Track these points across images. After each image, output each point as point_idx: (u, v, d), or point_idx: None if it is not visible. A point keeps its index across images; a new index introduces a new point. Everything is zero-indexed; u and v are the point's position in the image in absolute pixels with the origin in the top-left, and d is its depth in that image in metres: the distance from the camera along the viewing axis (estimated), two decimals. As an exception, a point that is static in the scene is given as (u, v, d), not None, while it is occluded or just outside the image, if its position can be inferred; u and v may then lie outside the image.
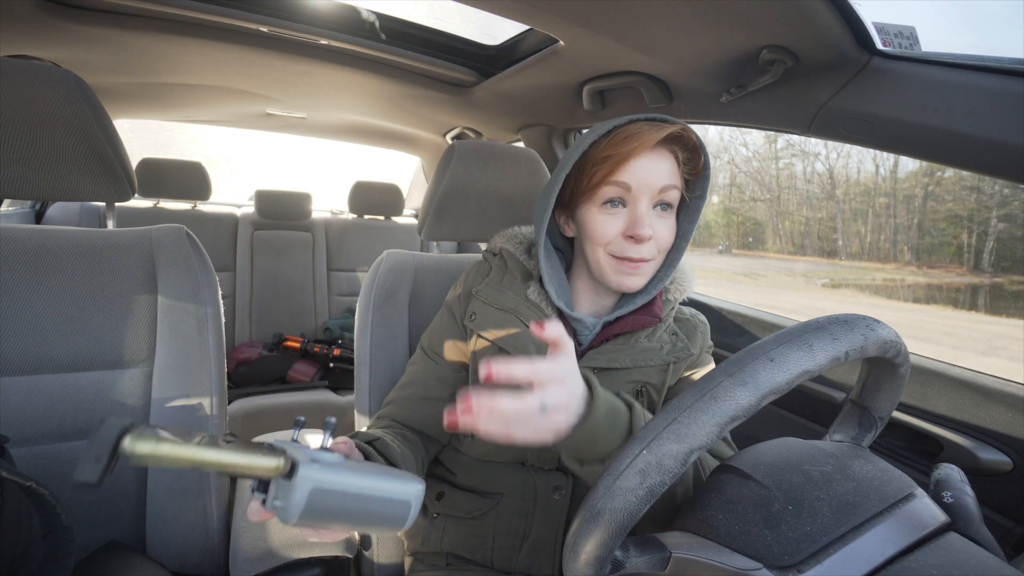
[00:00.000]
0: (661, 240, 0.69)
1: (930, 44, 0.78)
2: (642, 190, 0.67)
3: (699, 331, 0.78)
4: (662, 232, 0.69)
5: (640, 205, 0.67)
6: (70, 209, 2.04)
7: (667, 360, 0.73)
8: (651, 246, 0.68)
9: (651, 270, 0.71)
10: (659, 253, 0.70)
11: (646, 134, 0.65)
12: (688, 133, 0.67)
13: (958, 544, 0.40)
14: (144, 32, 1.18)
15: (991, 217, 2.65)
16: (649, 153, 0.67)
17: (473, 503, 0.76)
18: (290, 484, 0.38)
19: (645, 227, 0.66)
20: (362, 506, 0.41)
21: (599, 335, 0.74)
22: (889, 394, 0.51)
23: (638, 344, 0.73)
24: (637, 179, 0.66)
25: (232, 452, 0.35)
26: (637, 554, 0.42)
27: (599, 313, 0.76)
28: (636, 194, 0.67)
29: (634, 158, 0.66)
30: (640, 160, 0.66)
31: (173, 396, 0.81)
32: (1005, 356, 2.36)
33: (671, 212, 0.70)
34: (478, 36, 1.37)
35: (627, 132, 0.66)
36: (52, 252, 0.80)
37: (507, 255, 0.80)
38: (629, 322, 0.72)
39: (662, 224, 0.69)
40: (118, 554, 0.74)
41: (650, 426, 0.40)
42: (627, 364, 0.71)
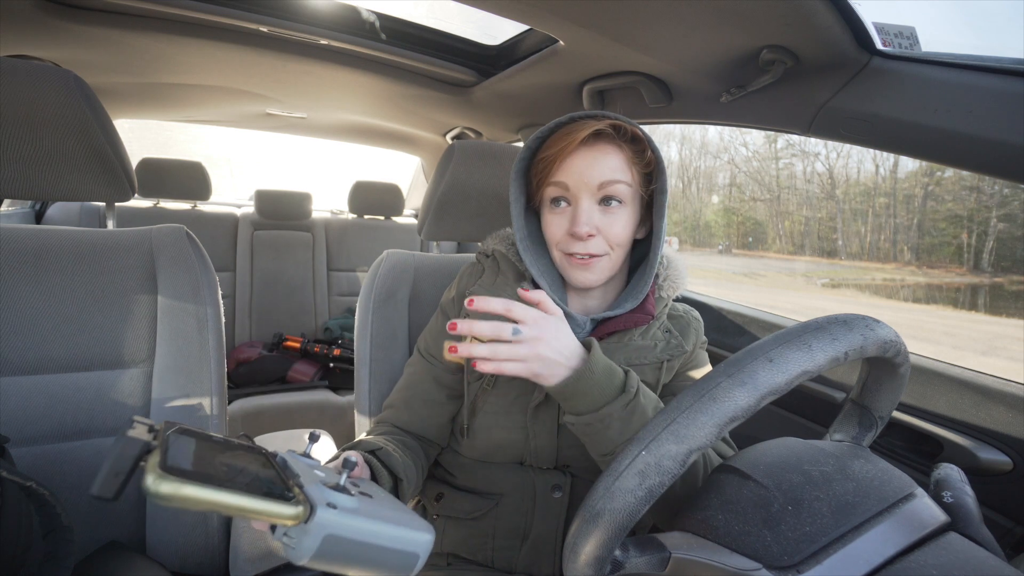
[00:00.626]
0: (611, 236, 0.68)
1: (930, 44, 0.78)
2: (580, 188, 0.67)
3: (692, 327, 0.78)
4: (609, 228, 0.68)
5: (581, 203, 0.68)
6: (70, 209, 2.04)
7: (661, 358, 0.73)
8: (598, 242, 0.68)
9: (607, 265, 0.70)
10: (613, 248, 0.69)
11: (575, 132, 0.66)
12: (625, 126, 0.67)
13: (958, 544, 0.40)
14: (144, 32, 1.18)
15: (991, 217, 2.65)
16: (585, 150, 0.67)
17: (473, 504, 0.76)
18: (304, 528, 0.38)
19: (582, 224, 0.66)
20: (371, 554, 0.41)
21: (592, 334, 0.74)
22: (889, 394, 0.51)
23: (632, 342, 0.73)
24: (574, 177, 0.67)
25: (253, 498, 0.35)
26: (637, 554, 0.42)
27: (588, 311, 0.77)
28: (575, 192, 0.68)
29: (567, 157, 0.67)
30: (574, 158, 0.67)
31: (173, 396, 0.81)
32: (1005, 356, 2.36)
33: (620, 207, 0.69)
34: (478, 36, 1.37)
35: (561, 132, 0.68)
36: (52, 252, 0.80)
37: (499, 256, 0.80)
38: (622, 320, 0.72)
39: (608, 219, 0.68)
40: (118, 554, 0.74)
41: (649, 427, 0.40)
42: (620, 363, 0.71)
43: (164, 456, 0.33)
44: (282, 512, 0.36)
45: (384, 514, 0.43)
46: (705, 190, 5.48)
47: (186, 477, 0.32)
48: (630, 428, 0.61)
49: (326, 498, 0.39)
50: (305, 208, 2.38)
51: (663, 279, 0.77)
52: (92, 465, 0.78)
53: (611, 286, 0.76)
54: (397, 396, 0.80)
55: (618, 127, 0.67)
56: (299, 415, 1.91)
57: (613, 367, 0.61)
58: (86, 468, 0.78)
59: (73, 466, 0.77)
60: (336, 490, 0.41)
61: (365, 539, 0.40)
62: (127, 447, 0.33)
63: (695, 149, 5.56)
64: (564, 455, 0.74)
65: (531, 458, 0.75)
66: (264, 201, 2.32)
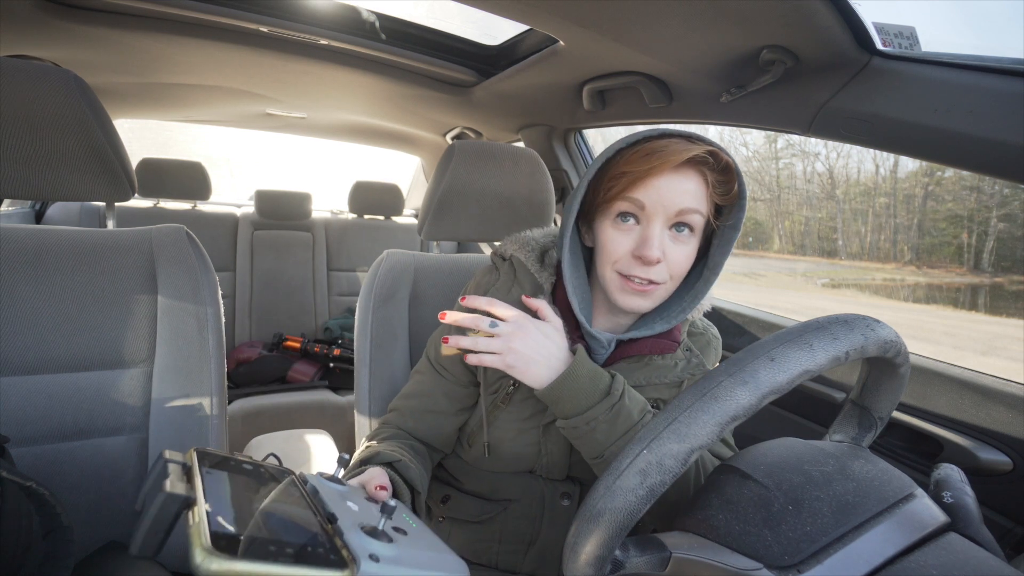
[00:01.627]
0: (673, 265, 0.64)
1: (930, 44, 0.78)
2: (656, 210, 0.62)
3: (712, 346, 0.77)
4: (675, 256, 0.64)
5: (653, 225, 0.62)
6: (70, 209, 2.03)
7: (681, 377, 0.72)
8: (660, 270, 0.63)
9: (662, 294, 0.66)
10: (671, 279, 0.65)
11: (669, 153, 0.60)
12: (720, 155, 0.62)
13: (958, 544, 0.40)
14: (144, 32, 1.18)
15: (991, 217, 2.65)
16: (672, 173, 0.62)
17: (480, 508, 0.75)
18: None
19: (654, 249, 0.61)
20: None
21: (615, 352, 0.71)
22: (889, 394, 0.51)
23: (652, 363, 0.71)
24: (652, 199, 0.62)
25: (303, 568, 0.34)
26: (637, 554, 0.42)
27: (615, 329, 0.73)
28: (650, 213, 0.62)
29: (652, 177, 0.62)
30: (659, 179, 0.61)
31: (173, 396, 0.81)
32: (1005, 356, 2.36)
33: (690, 237, 0.64)
34: (478, 36, 1.37)
35: (651, 148, 0.62)
36: (52, 252, 0.80)
37: (517, 264, 0.76)
38: (648, 345, 0.69)
39: (676, 249, 0.64)
40: (118, 554, 0.73)
41: (651, 426, 0.40)
42: (641, 382, 0.70)
43: (208, 524, 0.32)
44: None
45: (423, 558, 0.43)
46: (705, 190, 5.42)
47: (234, 552, 0.32)
48: (616, 431, 0.60)
49: (368, 549, 0.39)
50: (305, 208, 2.38)
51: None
52: (92, 465, 0.78)
53: None
54: (403, 402, 0.78)
55: (714, 155, 0.62)
56: (299, 415, 1.91)
57: (598, 371, 0.63)
58: (86, 468, 0.78)
59: (73, 466, 0.77)
60: (374, 535, 0.41)
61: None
62: (168, 504, 0.32)
63: (695, 149, 5.52)
64: (576, 469, 0.74)
65: (542, 471, 0.74)
66: (264, 201, 2.32)
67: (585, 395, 0.62)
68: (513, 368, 0.63)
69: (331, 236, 2.43)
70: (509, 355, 0.63)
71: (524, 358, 0.63)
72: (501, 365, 0.63)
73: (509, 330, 0.63)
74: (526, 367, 0.63)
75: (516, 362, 0.63)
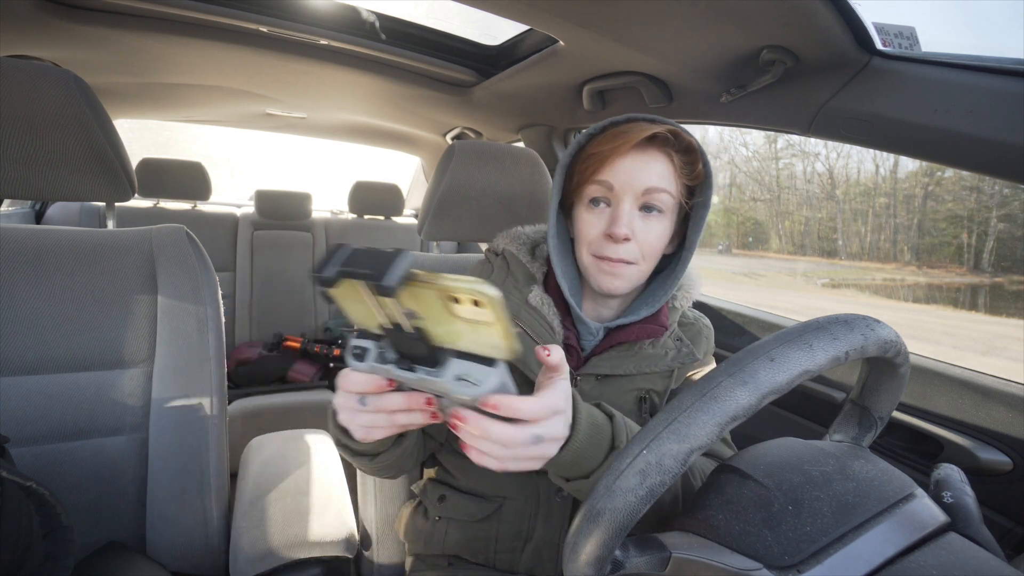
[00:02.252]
0: (645, 244, 0.66)
1: (930, 44, 0.78)
2: (624, 190, 0.65)
3: (704, 336, 0.77)
4: (645, 236, 0.66)
5: (622, 205, 0.65)
6: (70, 209, 2.04)
7: (672, 366, 0.72)
8: (631, 248, 0.66)
9: (635, 275, 0.68)
10: (644, 258, 0.67)
11: (631, 133, 0.64)
12: (682, 135, 0.65)
13: (958, 544, 0.40)
14: (144, 32, 1.18)
15: (991, 217, 2.65)
16: (636, 153, 0.65)
17: (476, 506, 0.76)
18: (489, 370, 0.40)
19: (621, 226, 0.64)
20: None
21: (604, 341, 0.73)
22: (889, 394, 0.51)
23: (642, 351, 0.72)
24: (620, 179, 0.65)
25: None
26: (637, 554, 0.42)
27: (601, 319, 0.75)
28: (619, 193, 0.66)
29: (617, 157, 0.65)
30: (624, 159, 0.65)
31: (173, 396, 0.81)
32: (1005, 356, 2.36)
33: (660, 217, 0.67)
34: (478, 36, 1.37)
35: (616, 131, 0.65)
36: (52, 252, 0.80)
37: (509, 257, 0.78)
38: (635, 331, 0.70)
39: (646, 228, 0.66)
40: (118, 554, 0.74)
41: (650, 426, 0.40)
42: (631, 371, 0.70)
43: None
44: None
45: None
46: (705, 190, 5.44)
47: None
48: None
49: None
50: (305, 208, 2.38)
51: (677, 288, 0.75)
52: (92, 465, 0.78)
53: (629, 295, 0.75)
54: None
55: (675, 134, 0.65)
56: (299, 415, 1.91)
57: (596, 424, 0.52)
58: (86, 468, 0.78)
59: (73, 466, 0.77)
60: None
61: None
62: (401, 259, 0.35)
63: (695, 149, 5.53)
64: None
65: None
66: (264, 201, 2.32)
67: (588, 456, 0.51)
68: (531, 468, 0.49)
69: (331, 236, 2.43)
70: (543, 462, 0.48)
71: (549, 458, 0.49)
72: (533, 467, 0.48)
73: (554, 433, 0.46)
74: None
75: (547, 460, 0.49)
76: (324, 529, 0.81)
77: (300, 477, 0.93)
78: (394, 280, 0.34)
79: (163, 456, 0.80)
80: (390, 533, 0.90)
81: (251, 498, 0.87)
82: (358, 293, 0.38)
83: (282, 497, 0.87)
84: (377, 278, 0.34)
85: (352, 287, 0.38)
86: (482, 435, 0.43)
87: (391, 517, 0.90)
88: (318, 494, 0.89)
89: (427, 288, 0.36)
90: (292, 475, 0.94)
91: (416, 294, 0.37)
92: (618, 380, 0.71)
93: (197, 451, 0.82)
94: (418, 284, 0.36)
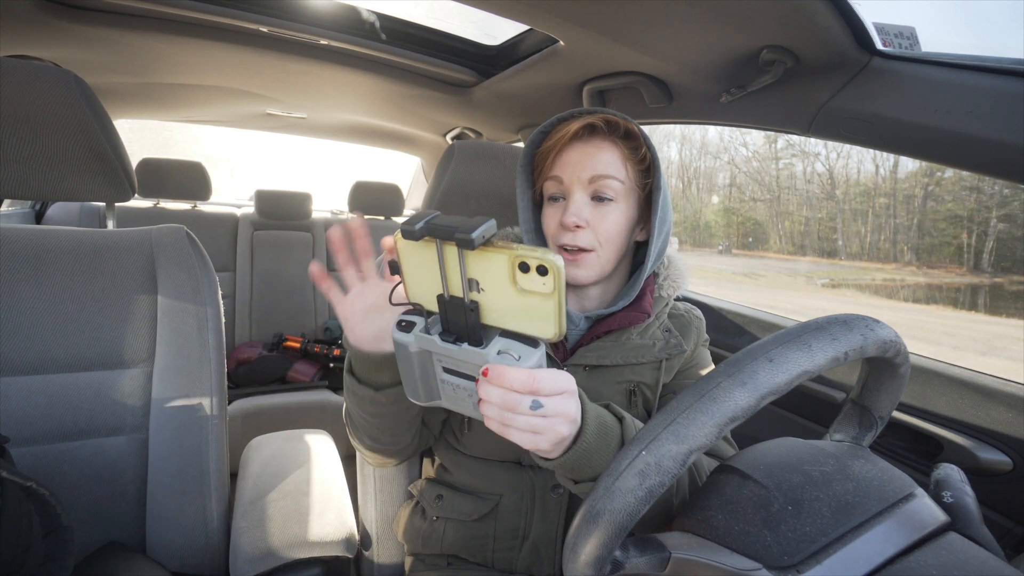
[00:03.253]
0: (600, 232, 0.69)
1: (930, 44, 0.78)
2: (572, 181, 0.69)
3: (693, 326, 0.78)
4: (599, 223, 0.69)
5: (572, 196, 0.69)
6: (70, 209, 2.03)
7: (660, 357, 0.73)
8: (587, 236, 0.68)
9: (596, 261, 0.70)
10: (601, 245, 0.69)
11: (568, 126, 0.68)
12: (620, 122, 0.68)
13: (958, 544, 0.40)
14: (144, 32, 1.18)
15: (991, 217, 2.65)
16: (580, 145, 0.69)
17: (473, 506, 0.76)
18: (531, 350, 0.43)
19: (570, 215, 0.68)
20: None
21: (589, 332, 0.74)
22: (889, 394, 0.51)
23: (629, 341, 0.73)
24: (568, 172, 0.69)
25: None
26: (637, 554, 0.42)
27: (585, 310, 0.77)
28: (568, 186, 0.69)
29: (561, 151, 0.69)
30: (568, 152, 0.69)
31: (173, 396, 0.81)
32: (1005, 356, 2.36)
33: (613, 204, 0.69)
34: (478, 36, 1.37)
35: (560, 126, 0.70)
36: (52, 252, 0.80)
37: None
38: (618, 319, 0.72)
39: (600, 215, 0.69)
40: (118, 554, 0.74)
41: (649, 427, 0.40)
42: (618, 361, 0.71)
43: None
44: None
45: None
46: (705, 190, 5.48)
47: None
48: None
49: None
50: (305, 208, 2.38)
51: (663, 278, 0.77)
52: (92, 465, 0.78)
53: (610, 286, 0.77)
54: None
55: (611, 122, 0.68)
56: (299, 415, 1.91)
57: (605, 424, 0.52)
58: (86, 468, 0.78)
59: (73, 466, 0.77)
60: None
61: None
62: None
63: (695, 149, 5.56)
64: None
65: (528, 459, 0.75)
66: (264, 201, 2.32)
67: (596, 457, 0.50)
68: (542, 451, 0.48)
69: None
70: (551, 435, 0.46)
71: (562, 442, 0.48)
72: (532, 447, 0.46)
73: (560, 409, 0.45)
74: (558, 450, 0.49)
75: (550, 446, 0.47)
76: (324, 529, 0.81)
77: (300, 477, 0.93)
78: (478, 235, 0.37)
79: (163, 456, 0.80)
80: (390, 533, 0.90)
81: (251, 498, 0.87)
82: (431, 257, 0.41)
83: (282, 497, 0.87)
84: (466, 232, 0.37)
85: (427, 251, 0.41)
86: (483, 394, 0.44)
87: (391, 517, 0.90)
88: (318, 494, 0.89)
89: (501, 252, 0.39)
90: (292, 475, 0.94)
91: (487, 259, 0.39)
92: (606, 371, 0.72)
93: (197, 451, 0.82)
94: (494, 249, 0.39)
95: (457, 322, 0.44)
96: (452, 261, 0.41)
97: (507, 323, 0.43)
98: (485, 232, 0.38)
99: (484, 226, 0.38)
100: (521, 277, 0.39)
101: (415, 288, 0.45)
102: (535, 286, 0.39)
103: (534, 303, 0.40)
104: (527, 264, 0.38)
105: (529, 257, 0.38)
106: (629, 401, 0.73)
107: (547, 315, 0.40)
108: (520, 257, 0.38)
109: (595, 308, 0.77)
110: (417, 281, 0.45)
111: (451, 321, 0.44)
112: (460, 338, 0.44)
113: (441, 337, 0.45)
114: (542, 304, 0.40)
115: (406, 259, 0.44)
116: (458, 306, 0.42)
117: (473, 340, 0.44)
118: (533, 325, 0.42)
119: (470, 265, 0.40)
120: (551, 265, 0.37)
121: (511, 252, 0.38)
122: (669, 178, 0.73)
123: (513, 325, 0.43)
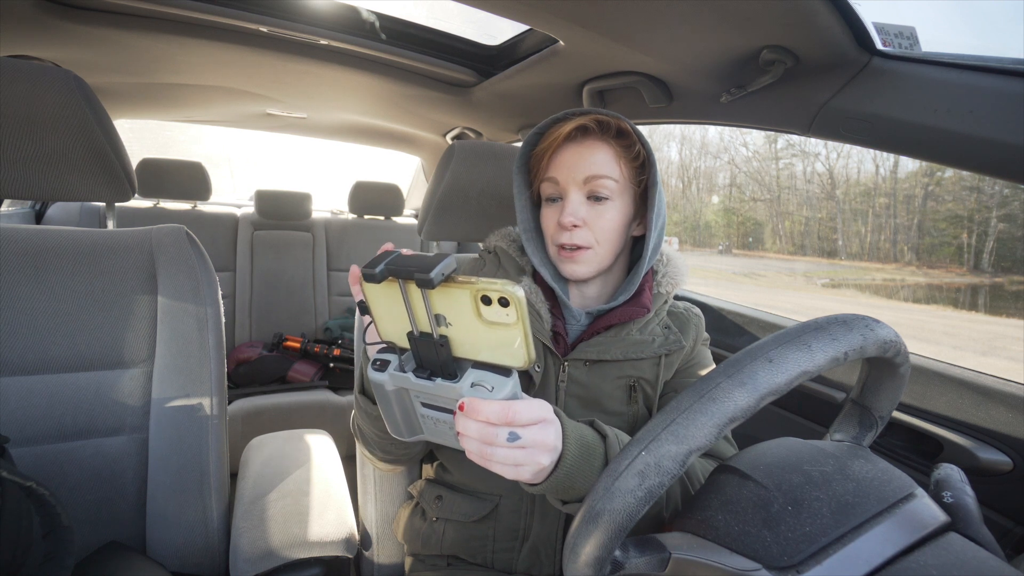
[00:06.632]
0: (597, 230, 0.70)
1: (930, 44, 0.78)
2: (568, 182, 0.70)
3: (692, 323, 0.79)
4: (596, 222, 0.70)
5: (569, 196, 0.70)
6: (70, 209, 2.04)
7: (659, 352, 0.74)
8: (584, 234, 0.70)
9: (594, 258, 0.71)
10: (599, 242, 0.71)
11: (561, 128, 0.69)
12: (611, 121, 0.68)
13: (958, 544, 0.40)
14: (144, 32, 1.18)
15: (991, 217, 2.65)
16: (573, 146, 0.70)
17: (473, 506, 0.76)
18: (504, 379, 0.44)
19: (567, 214, 0.69)
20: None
21: (590, 328, 0.75)
22: (889, 394, 0.51)
23: (629, 337, 0.73)
24: (563, 173, 0.70)
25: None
26: (637, 555, 0.42)
27: (586, 306, 0.78)
28: (564, 186, 0.71)
29: (555, 152, 0.71)
30: (562, 153, 0.70)
31: (173, 396, 0.81)
32: (1005, 356, 2.36)
33: (609, 203, 0.70)
34: (478, 36, 1.37)
35: (553, 128, 0.71)
36: (52, 252, 0.80)
37: (501, 252, 0.82)
38: (618, 314, 0.73)
39: (596, 213, 0.70)
40: (118, 554, 0.74)
41: (649, 427, 0.40)
42: (618, 356, 0.72)
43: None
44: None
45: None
46: (705, 190, 5.48)
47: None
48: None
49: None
50: (305, 208, 2.38)
51: (661, 275, 0.78)
52: (92, 465, 0.78)
53: (609, 281, 0.77)
54: None
55: (602, 122, 0.68)
56: (299, 415, 1.91)
57: (587, 444, 0.52)
58: (86, 468, 0.78)
59: (73, 466, 0.77)
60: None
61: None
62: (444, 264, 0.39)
63: (695, 149, 5.56)
64: None
65: None
66: (264, 201, 2.32)
67: (580, 478, 0.51)
68: (526, 480, 0.50)
69: (331, 236, 2.43)
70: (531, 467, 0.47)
71: (543, 471, 0.49)
72: (513, 476, 0.47)
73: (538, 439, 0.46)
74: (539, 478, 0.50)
75: (533, 477, 0.49)
76: (324, 529, 0.81)
77: (300, 477, 0.93)
78: (437, 274, 0.38)
79: (163, 456, 0.80)
80: (390, 533, 0.90)
81: (251, 498, 0.87)
82: (396, 297, 0.42)
83: (282, 497, 0.87)
84: (424, 271, 0.38)
85: (391, 291, 0.42)
86: (461, 428, 0.45)
87: (391, 517, 0.90)
88: (318, 494, 0.89)
89: (462, 288, 0.39)
90: (292, 475, 0.94)
91: (450, 295, 0.40)
92: (607, 366, 0.73)
93: (197, 451, 0.82)
94: (455, 284, 0.39)
95: (429, 357, 0.44)
96: (417, 298, 0.41)
97: (478, 355, 0.44)
98: (444, 269, 0.39)
99: (442, 264, 0.39)
100: (485, 310, 0.40)
101: (386, 327, 0.46)
102: (499, 317, 0.40)
103: (500, 334, 0.41)
104: (489, 297, 0.39)
105: (490, 290, 0.38)
106: (629, 396, 0.73)
107: (514, 344, 0.41)
108: (481, 291, 0.39)
109: (595, 304, 0.78)
110: (387, 320, 0.45)
111: (423, 357, 0.45)
112: (434, 373, 0.45)
113: (415, 373, 0.45)
114: (508, 334, 0.40)
115: (374, 300, 0.45)
116: (428, 342, 0.43)
117: (446, 374, 0.44)
118: (503, 355, 0.43)
119: (435, 302, 0.41)
120: (511, 296, 0.38)
121: (471, 287, 0.39)
122: (669, 178, 0.74)
123: (484, 356, 0.44)
